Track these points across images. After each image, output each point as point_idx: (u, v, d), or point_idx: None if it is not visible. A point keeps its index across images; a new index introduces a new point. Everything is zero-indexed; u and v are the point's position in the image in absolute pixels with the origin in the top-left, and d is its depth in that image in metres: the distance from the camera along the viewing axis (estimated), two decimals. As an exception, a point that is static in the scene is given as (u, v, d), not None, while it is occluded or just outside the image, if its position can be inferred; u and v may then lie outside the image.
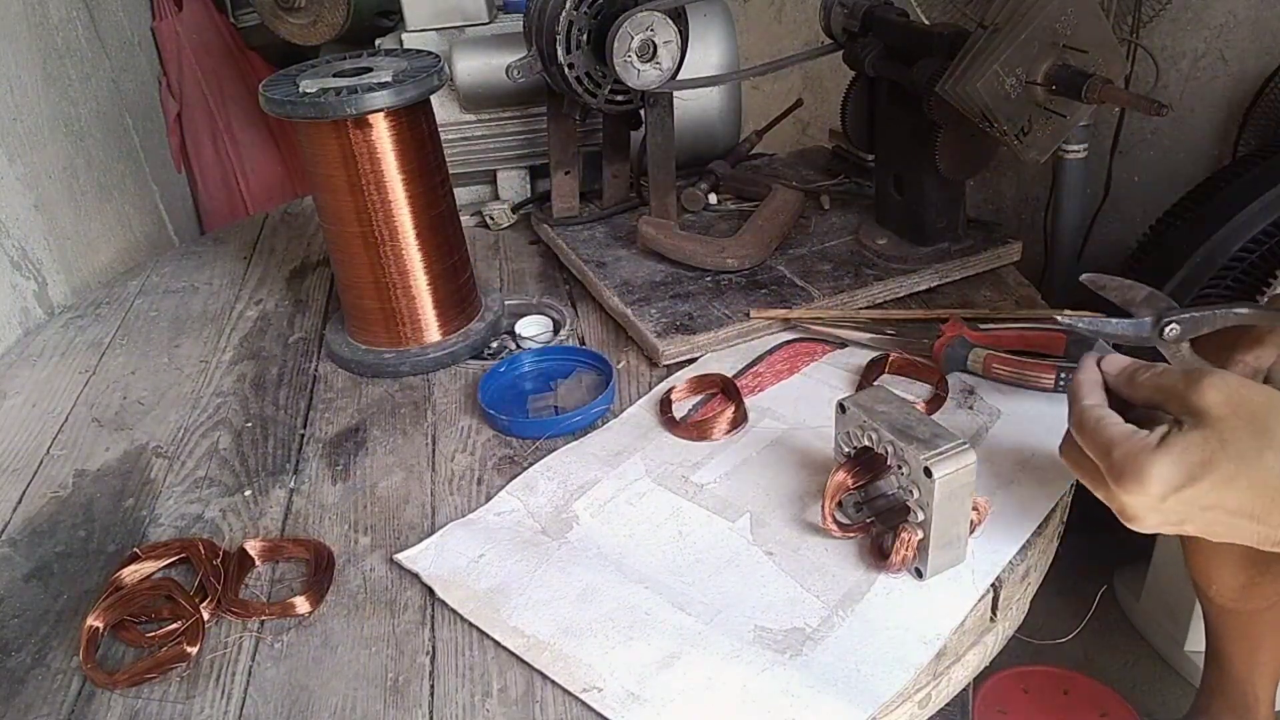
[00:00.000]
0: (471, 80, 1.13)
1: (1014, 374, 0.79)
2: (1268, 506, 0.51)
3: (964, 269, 0.96)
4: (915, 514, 0.60)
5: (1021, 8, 0.75)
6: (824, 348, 0.88)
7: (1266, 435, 0.50)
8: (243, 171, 1.73)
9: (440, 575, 0.66)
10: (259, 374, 0.93)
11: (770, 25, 1.93)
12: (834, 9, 0.97)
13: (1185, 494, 0.52)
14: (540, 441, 0.79)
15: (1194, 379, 0.53)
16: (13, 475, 0.82)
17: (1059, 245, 1.72)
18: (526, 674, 0.59)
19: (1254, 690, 1.16)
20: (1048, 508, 0.68)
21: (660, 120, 0.98)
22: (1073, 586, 1.25)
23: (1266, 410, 0.51)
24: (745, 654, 0.58)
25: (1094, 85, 0.74)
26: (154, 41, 1.61)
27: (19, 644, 0.64)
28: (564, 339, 0.95)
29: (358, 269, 0.89)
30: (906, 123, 0.92)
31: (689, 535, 0.68)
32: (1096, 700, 1.38)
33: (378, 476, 0.77)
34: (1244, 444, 0.50)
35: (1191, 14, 1.58)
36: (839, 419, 0.64)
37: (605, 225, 1.10)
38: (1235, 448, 0.51)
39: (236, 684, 0.60)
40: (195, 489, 0.78)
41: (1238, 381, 0.53)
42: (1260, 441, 0.50)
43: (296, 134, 0.86)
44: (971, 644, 0.61)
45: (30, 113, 1.15)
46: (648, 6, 0.90)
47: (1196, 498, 0.52)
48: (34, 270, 1.11)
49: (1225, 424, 0.51)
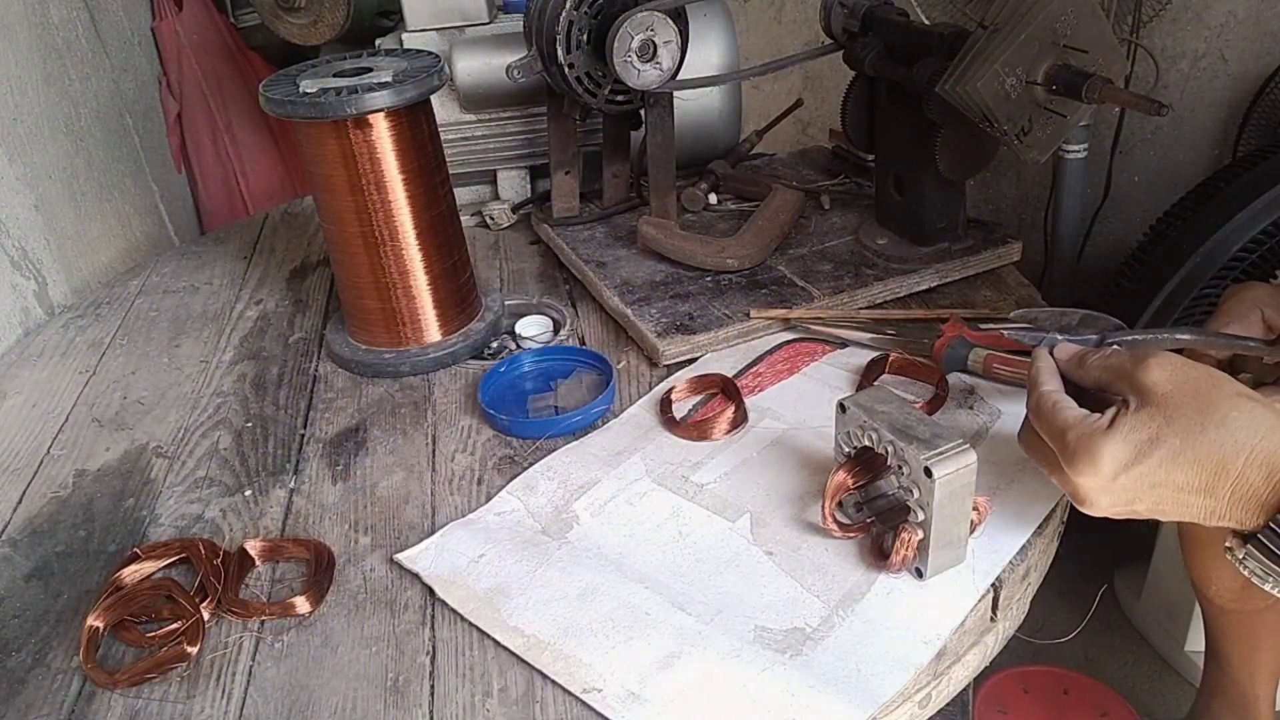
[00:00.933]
0: (471, 80, 1.13)
1: (1014, 374, 0.79)
2: (1211, 480, 0.52)
3: (964, 269, 0.96)
4: (915, 514, 0.60)
5: (1021, 8, 0.75)
6: (824, 348, 0.88)
7: (1208, 410, 0.52)
8: (243, 171, 1.73)
9: (440, 575, 0.66)
10: (259, 374, 0.93)
11: (770, 25, 1.93)
12: (834, 9, 0.97)
13: (1134, 471, 0.53)
14: (540, 441, 0.79)
15: (1139, 358, 0.56)
16: (13, 475, 0.82)
17: (1059, 245, 1.72)
18: (526, 674, 0.59)
19: (1254, 690, 1.16)
20: (1048, 508, 0.68)
21: (660, 120, 0.98)
22: (1073, 586, 1.25)
23: (1208, 386, 0.53)
24: (745, 654, 0.58)
25: (1094, 85, 0.74)
26: (154, 41, 1.61)
27: (19, 644, 0.64)
28: (564, 339, 0.95)
29: (358, 269, 0.89)
30: (906, 123, 0.92)
31: (689, 535, 0.68)
32: (1096, 700, 1.38)
33: (378, 476, 0.77)
34: (1188, 419, 0.53)
35: (1191, 14, 1.58)
36: (839, 419, 0.64)
37: (605, 225, 1.10)
38: (1179, 424, 0.53)
39: (237, 684, 0.60)
40: (195, 489, 0.78)
41: (1181, 360, 0.55)
42: (1203, 416, 0.52)
43: (296, 134, 0.86)
44: (972, 644, 0.61)
45: (30, 113, 1.15)
46: (648, 6, 0.90)
47: (1145, 474, 0.53)
48: (34, 270, 1.11)
49: (1170, 400, 0.53)
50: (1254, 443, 0.52)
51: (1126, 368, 0.56)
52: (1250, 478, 0.52)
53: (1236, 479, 0.52)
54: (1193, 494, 0.53)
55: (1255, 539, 0.53)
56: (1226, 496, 0.53)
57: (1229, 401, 0.53)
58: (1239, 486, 0.52)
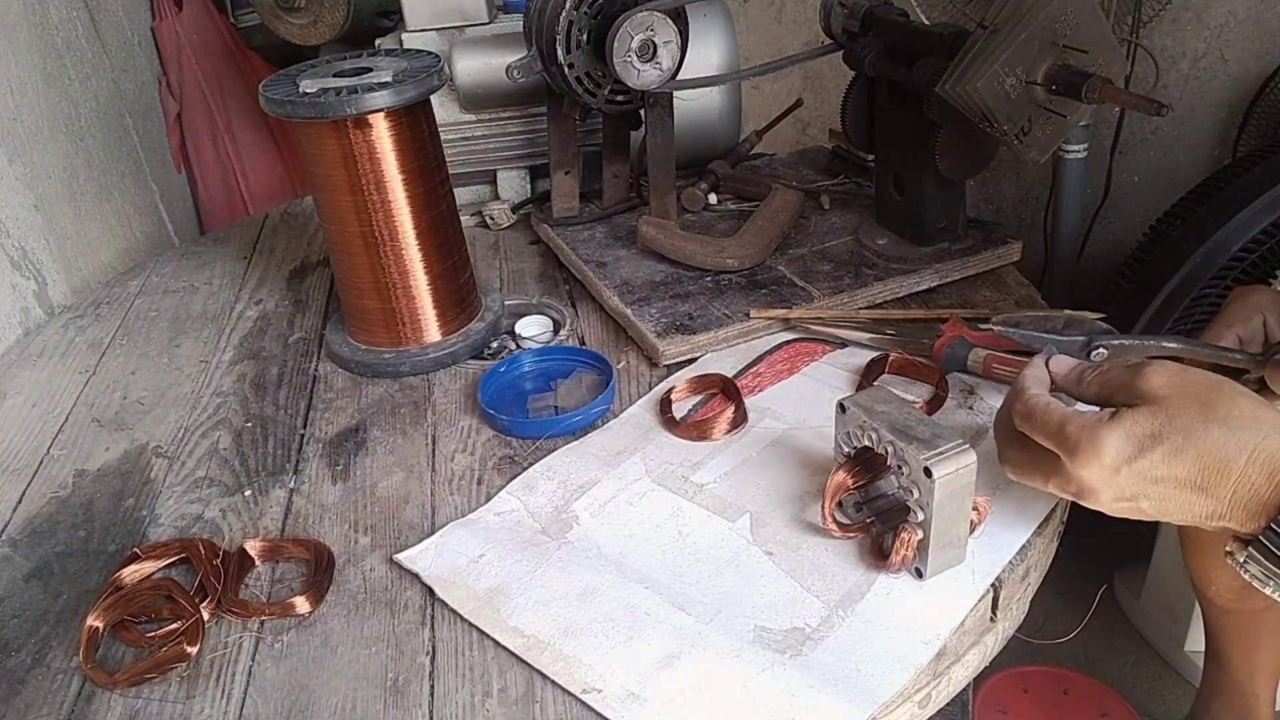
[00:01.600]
0: (471, 80, 1.13)
1: (1014, 374, 0.78)
2: (1212, 478, 0.52)
3: (964, 269, 0.96)
4: (915, 514, 0.60)
5: (1021, 8, 0.75)
6: (824, 348, 0.88)
7: (1210, 409, 0.53)
8: (243, 171, 1.73)
9: (440, 575, 0.66)
10: (259, 374, 0.93)
11: (770, 25, 1.93)
12: (834, 9, 0.97)
13: (1137, 465, 0.54)
14: (540, 441, 0.79)
15: (1138, 369, 0.56)
16: (13, 475, 0.82)
17: (1059, 245, 1.72)
18: (526, 674, 0.59)
19: (1254, 690, 1.16)
20: (1048, 508, 0.68)
21: (660, 120, 0.98)
22: (1073, 586, 1.25)
23: (1209, 388, 0.54)
24: (745, 654, 0.58)
25: (1094, 85, 0.74)
26: (154, 41, 1.61)
27: (19, 644, 0.64)
28: (564, 339, 0.95)
29: (358, 269, 0.89)
30: (906, 123, 0.92)
31: (689, 535, 0.68)
32: (1096, 700, 1.39)
33: (378, 476, 0.77)
34: (1189, 418, 0.53)
35: (1191, 14, 1.58)
36: (839, 419, 0.64)
37: (605, 225, 1.10)
38: (1181, 421, 0.53)
39: (236, 684, 0.60)
40: (195, 489, 0.78)
41: (1179, 367, 0.56)
42: (1205, 415, 0.53)
43: (296, 134, 0.86)
44: (971, 644, 0.61)
45: (30, 113, 1.15)
46: (648, 6, 0.90)
47: (1147, 469, 0.53)
48: (34, 270, 1.11)
49: (1171, 401, 0.54)
50: (1256, 441, 0.51)
51: (1125, 378, 0.56)
52: (1252, 476, 0.52)
53: (1239, 478, 0.52)
54: (1195, 492, 0.53)
55: (1256, 541, 0.52)
56: (1228, 496, 0.52)
57: (1230, 401, 0.53)
58: (1241, 485, 0.52)
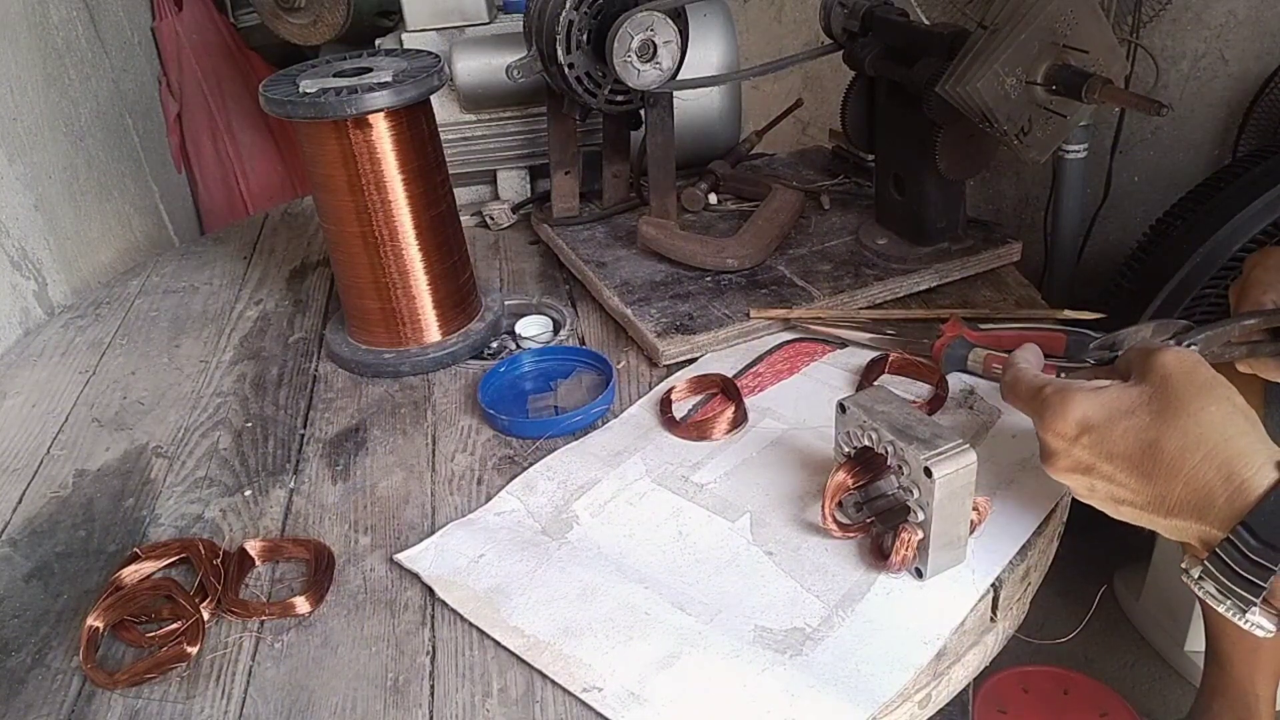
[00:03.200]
0: (471, 80, 1.13)
1: (1014, 374, 0.78)
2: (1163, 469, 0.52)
3: (964, 269, 0.96)
4: (915, 514, 0.60)
5: (1021, 8, 0.75)
6: (824, 348, 0.88)
7: (1191, 401, 0.53)
8: (243, 171, 1.73)
9: (440, 575, 0.66)
10: (259, 374, 0.93)
11: (770, 25, 1.93)
12: (834, 9, 0.97)
13: (1097, 434, 0.54)
14: (540, 441, 0.79)
15: (1156, 349, 0.56)
16: (13, 475, 0.82)
17: (1059, 245, 1.72)
18: (526, 674, 0.59)
19: (1254, 690, 1.16)
20: (1048, 508, 0.68)
21: (660, 120, 0.98)
22: (1073, 586, 1.25)
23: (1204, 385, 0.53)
24: (745, 654, 0.58)
25: (1094, 85, 0.74)
26: (154, 41, 1.61)
27: (19, 644, 0.64)
28: (564, 339, 0.95)
29: (358, 269, 0.89)
30: (906, 123, 0.92)
31: (689, 535, 0.68)
32: (1096, 700, 1.39)
33: (378, 476, 0.77)
34: (1166, 403, 0.53)
35: (1191, 14, 1.58)
36: (839, 419, 0.64)
37: (605, 225, 1.10)
38: (1158, 404, 0.53)
39: (236, 684, 0.60)
40: (195, 489, 0.78)
41: (1197, 358, 0.55)
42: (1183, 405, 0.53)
43: (296, 134, 0.86)
44: (971, 644, 0.61)
45: (30, 113, 1.15)
46: (648, 6, 0.90)
47: (1105, 441, 0.54)
48: (34, 270, 1.11)
49: (1164, 383, 0.54)
50: (1216, 439, 0.51)
51: (1142, 355, 0.57)
52: (1205, 473, 0.51)
53: (1189, 472, 0.52)
54: (1143, 479, 0.53)
55: (1212, 556, 0.52)
56: (1178, 490, 0.52)
57: (1214, 401, 0.53)
58: (1192, 480, 0.52)
